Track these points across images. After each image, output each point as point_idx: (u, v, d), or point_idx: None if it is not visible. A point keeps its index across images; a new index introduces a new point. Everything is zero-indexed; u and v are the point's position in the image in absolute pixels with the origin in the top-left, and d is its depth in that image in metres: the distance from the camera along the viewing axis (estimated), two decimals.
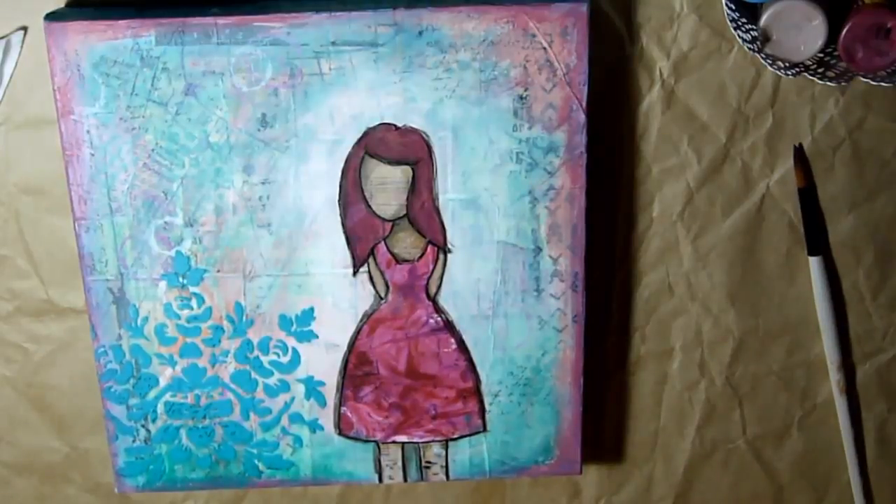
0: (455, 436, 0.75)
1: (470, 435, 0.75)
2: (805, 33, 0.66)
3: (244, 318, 0.72)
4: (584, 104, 0.67)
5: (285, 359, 0.73)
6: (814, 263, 0.75)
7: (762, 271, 0.76)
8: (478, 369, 0.73)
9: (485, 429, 0.75)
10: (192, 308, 0.71)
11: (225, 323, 0.72)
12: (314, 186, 0.69)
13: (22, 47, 0.69)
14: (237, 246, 0.70)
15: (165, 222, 0.69)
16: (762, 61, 0.68)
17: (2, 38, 0.69)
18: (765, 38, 0.66)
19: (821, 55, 0.69)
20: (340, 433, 0.75)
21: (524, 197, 0.69)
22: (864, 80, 0.69)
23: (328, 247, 0.70)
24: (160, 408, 0.74)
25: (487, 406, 0.74)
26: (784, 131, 0.72)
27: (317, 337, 0.72)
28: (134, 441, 0.74)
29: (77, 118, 0.67)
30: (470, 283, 0.71)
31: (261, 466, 0.75)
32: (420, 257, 0.71)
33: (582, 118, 0.68)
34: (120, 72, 0.66)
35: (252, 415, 0.74)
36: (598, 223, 0.73)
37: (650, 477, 0.81)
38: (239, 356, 0.73)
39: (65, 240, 0.73)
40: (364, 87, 0.67)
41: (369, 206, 0.70)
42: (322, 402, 0.74)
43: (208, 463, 0.75)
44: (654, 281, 0.76)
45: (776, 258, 0.75)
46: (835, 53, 0.68)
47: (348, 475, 0.76)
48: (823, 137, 0.72)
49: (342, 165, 0.69)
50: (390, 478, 0.76)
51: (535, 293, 0.72)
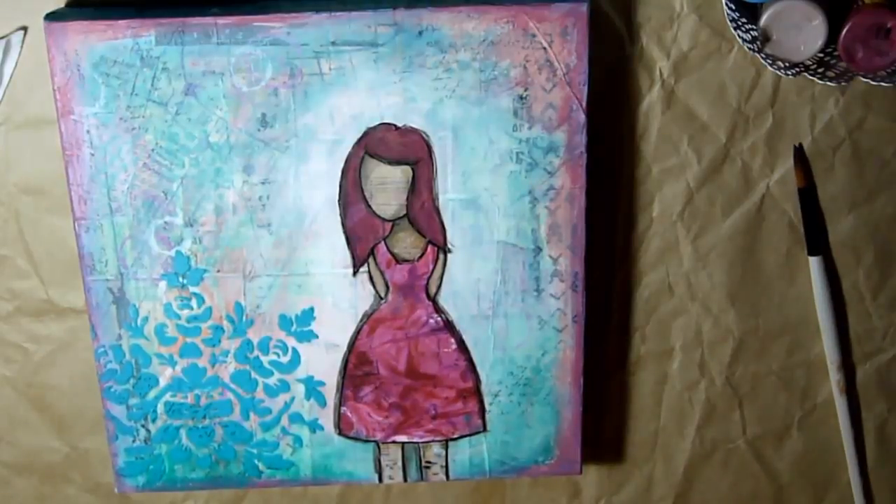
0: (455, 436, 0.75)
1: (470, 435, 0.75)
2: (805, 33, 0.66)
3: (244, 318, 0.72)
4: (584, 104, 0.67)
5: (285, 359, 0.73)
6: (814, 263, 0.75)
7: (762, 271, 0.76)
8: (478, 369, 0.73)
9: (485, 429, 0.75)
10: (192, 308, 0.71)
11: (225, 323, 0.72)
12: (314, 186, 0.69)
13: (22, 47, 0.69)
14: (237, 246, 0.70)
15: (165, 222, 0.69)
16: (762, 61, 0.68)
17: (2, 38, 0.69)
18: (765, 38, 0.66)
19: (821, 55, 0.69)
20: (340, 433, 0.75)
21: (524, 197, 0.69)
22: (864, 80, 0.69)
23: (328, 247, 0.70)
24: (160, 408, 0.74)
25: (487, 406, 0.74)
26: (784, 131, 0.72)
27: (317, 337, 0.72)
28: (134, 441, 0.74)
29: (77, 118, 0.67)
30: (470, 283, 0.71)
31: (261, 466, 0.75)
32: (420, 257, 0.71)
33: (582, 118, 0.68)
34: (120, 72, 0.66)
35: (252, 415, 0.74)
36: (598, 223, 0.73)
37: (650, 477, 0.81)
38: (239, 356, 0.73)
39: (65, 240, 0.73)
40: (364, 87, 0.67)
41: (369, 206, 0.70)
42: (322, 402, 0.74)
43: (208, 463, 0.75)
44: (654, 281, 0.76)
45: (776, 258, 0.75)
46: (835, 53, 0.68)
47: (348, 475, 0.76)
48: (823, 137, 0.72)
49: (342, 165, 0.69)
50: (390, 478, 0.76)
51: (535, 293, 0.71)
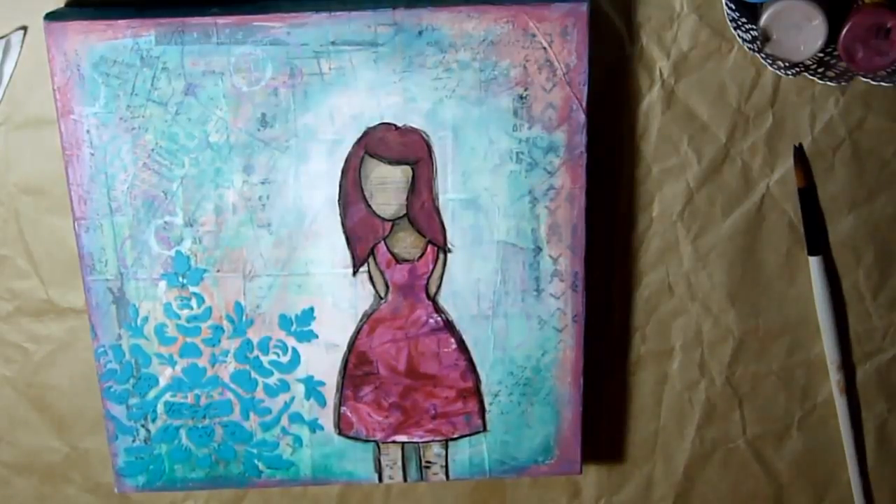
0: (455, 436, 0.75)
1: (470, 435, 0.75)
2: (805, 33, 0.66)
3: (244, 318, 0.72)
4: (584, 104, 0.67)
5: (285, 359, 0.73)
6: (814, 263, 0.75)
7: (762, 271, 0.76)
8: (478, 369, 0.73)
9: (485, 429, 0.75)
10: (192, 308, 0.71)
11: (225, 323, 0.72)
12: (314, 186, 0.69)
13: (22, 47, 0.69)
14: (237, 246, 0.70)
15: (165, 222, 0.69)
16: (762, 61, 0.68)
17: (2, 38, 0.69)
18: (765, 38, 0.66)
19: (821, 55, 0.69)
20: (340, 433, 0.75)
21: (524, 197, 0.69)
22: (864, 80, 0.69)
23: (328, 247, 0.70)
24: (160, 408, 0.74)
25: (487, 406, 0.74)
26: (784, 131, 0.72)
27: (317, 337, 0.72)
28: (134, 441, 0.74)
29: (77, 118, 0.67)
30: (470, 283, 0.71)
31: (261, 466, 0.75)
32: (420, 257, 0.71)
33: (582, 118, 0.68)
34: (120, 72, 0.66)
35: (252, 415, 0.74)
36: (598, 223, 0.73)
37: (650, 477, 0.81)
38: (239, 356, 0.73)
39: (65, 240, 0.73)
40: (364, 87, 0.67)
41: (369, 206, 0.70)
42: (322, 402, 0.74)
43: (208, 463, 0.75)
44: (654, 281, 0.76)
45: (776, 258, 0.75)
46: (835, 53, 0.68)
47: (348, 475, 0.76)
48: (823, 137, 0.72)
49: (342, 165, 0.69)
50: (390, 478, 0.76)
51: (535, 293, 0.71)
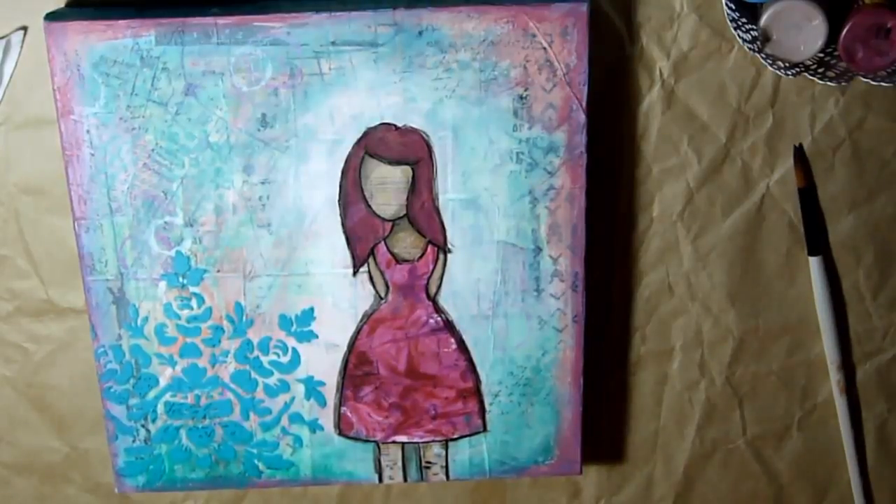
0: (455, 436, 0.75)
1: (470, 435, 0.75)
2: (805, 33, 0.66)
3: (244, 318, 0.72)
4: (584, 104, 0.67)
5: (285, 359, 0.73)
6: (814, 263, 0.75)
7: (762, 271, 0.76)
8: (478, 369, 0.73)
9: (485, 429, 0.75)
10: (192, 308, 0.71)
11: (225, 323, 0.72)
12: (314, 186, 0.69)
13: (22, 47, 0.69)
14: (237, 246, 0.70)
15: (165, 222, 0.69)
16: (762, 61, 0.68)
17: (2, 38, 0.69)
18: (765, 38, 0.66)
19: (821, 55, 0.69)
20: (340, 433, 0.75)
21: (524, 197, 0.69)
22: (864, 80, 0.69)
23: (328, 247, 0.70)
24: (160, 408, 0.74)
25: (487, 406, 0.74)
26: (784, 131, 0.72)
27: (317, 337, 0.72)
28: (134, 441, 0.74)
29: (77, 118, 0.67)
30: (470, 283, 0.71)
31: (261, 466, 0.75)
32: (420, 257, 0.71)
33: (582, 118, 0.68)
34: (120, 72, 0.66)
35: (252, 415, 0.74)
36: (598, 223, 0.73)
37: (650, 477, 0.81)
38: (239, 356, 0.73)
39: (65, 240, 0.73)
40: (364, 87, 0.67)
41: (369, 206, 0.70)
42: (322, 402, 0.74)
43: (208, 463, 0.75)
44: (654, 281, 0.76)
45: (776, 258, 0.75)
46: (835, 53, 0.68)
47: (348, 475, 0.76)
48: (823, 137, 0.72)
49: (342, 165, 0.69)
50: (390, 478, 0.76)
51: (535, 293, 0.71)
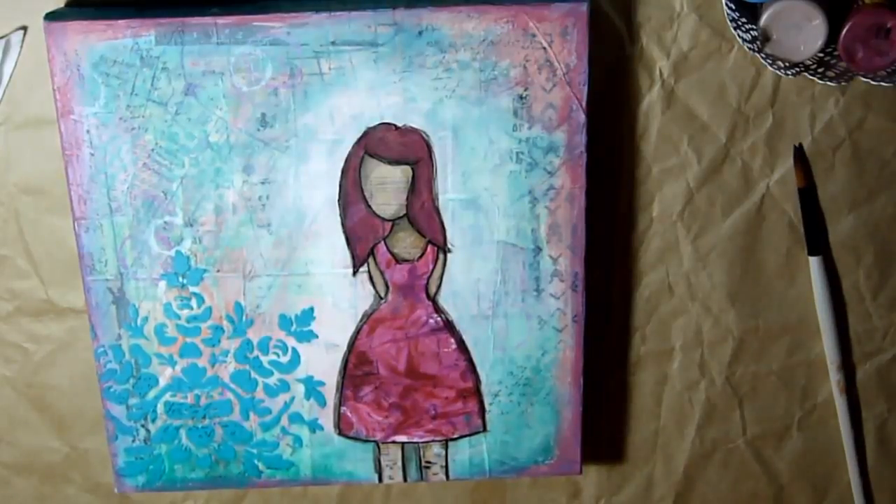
0: (455, 436, 0.75)
1: (470, 435, 0.75)
2: (805, 33, 0.66)
3: (244, 318, 0.72)
4: (584, 104, 0.67)
5: (285, 359, 0.73)
6: (814, 263, 0.75)
7: (762, 271, 0.76)
8: (478, 369, 0.73)
9: (485, 429, 0.75)
10: (192, 308, 0.71)
11: (225, 323, 0.72)
12: (314, 186, 0.69)
13: (22, 47, 0.69)
14: (237, 246, 0.70)
15: (165, 222, 0.69)
16: (762, 61, 0.68)
17: (2, 38, 0.69)
18: (765, 38, 0.66)
19: (821, 55, 0.69)
20: (340, 433, 0.75)
21: (524, 197, 0.69)
22: (864, 80, 0.69)
23: (328, 247, 0.70)
24: (160, 408, 0.74)
25: (487, 406, 0.74)
26: (784, 131, 0.72)
27: (317, 337, 0.72)
28: (134, 441, 0.74)
29: (77, 118, 0.67)
30: (470, 283, 0.71)
31: (261, 466, 0.75)
32: (420, 257, 0.71)
33: (582, 118, 0.68)
34: (120, 72, 0.66)
35: (252, 415, 0.74)
36: (598, 223, 0.73)
37: (650, 477, 0.81)
38: (239, 356, 0.73)
39: (65, 240, 0.73)
40: (364, 87, 0.67)
41: (369, 206, 0.70)
42: (322, 402, 0.74)
43: (208, 463, 0.75)
44: (654, 281, 0.76)
45: (776, 258, 0.75)
46: (835, 53, 0.68)
47: (348, 475, 0.76)
48: (823, 137, 0.72)
49: (342, 165, 0.69)
50: (390, 478, 0.76)
51: (535, 293, 0.71)
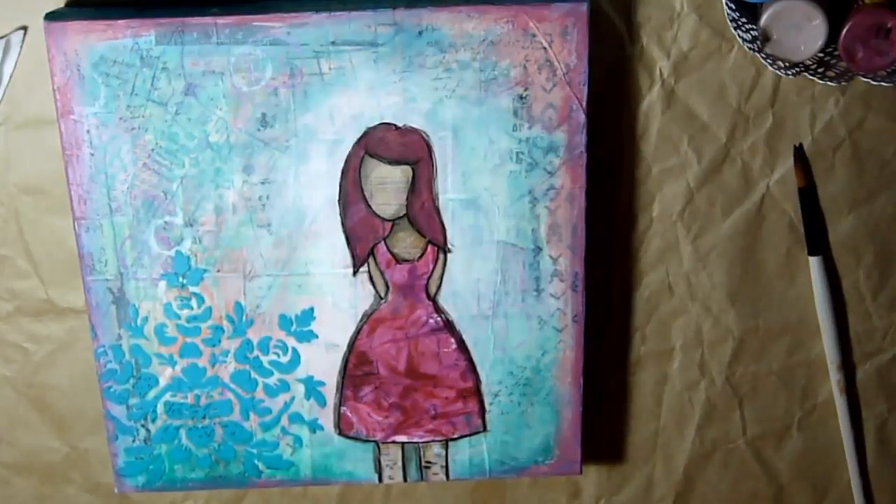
0: (455, 436, 0.75)
1: (470, 435, 0.75)
2: (805, 33, 0.66)
3: (244, 318, 0.72)
4: (584, 104, 0.67)
5: (285, 359, 0.73)
6: (814, 263, 0.75)
7: (762, 271, 0.76)
8: (478, 369, 0.73)
9: (485, 429, 0.75)
10: (192, 308, 0.71)
11: (225, 323, 0.72)
12: (314, 186, 0.69)
13: (22, 47, 0.69)
14: (237, 246, 0.70)
15: (165, 222, 0.69)
16: (762, 61, 0.68)
17: (2, 38, 0.69)
18: (765, 38, 0.66)
19: (821, 55, 0.69)
20: (340, 433, 0.75)
21: (524, 197, 0.69)
22: (864, 80, 0.69)
23: (328, 247, 0.70)
24: (160, 408, 0.74)
25: (487, 406, 0.74)
26: (784, 131, 0.72)
27: (317, 337, 0.72)
28: (134, 441, 0.74)
29: (77, 118, 0.67)
30: (470, 283, 0.71)
31: (261, 466, 0.75)
32: (420, 257, 0.71)
33: (582, 118, 0.68)
34: (120, 72, 0.66)
35: (252, 415, 0.74)
36: (598, 223, 0.73)
37: (650, 477, 0.81)
38: (239, 356, 0.73)
39: (65, 240, 0.73)
40: (364, 87, 0.67)
41: (369, 206, 0.70)
42: (322, 402, 0.74)
43: (208, 463, 0.75)
44: (654, 281, 0.76)
45: (776, 258, 0.75)
46: (835, 53, 0.68)
47: (348, 475, 0.76)
48: (823, 137, 0.72)
49: (342, 165, 0.69)
50: (390, 478, 0.76)
51: (535, 293, 0.71)
